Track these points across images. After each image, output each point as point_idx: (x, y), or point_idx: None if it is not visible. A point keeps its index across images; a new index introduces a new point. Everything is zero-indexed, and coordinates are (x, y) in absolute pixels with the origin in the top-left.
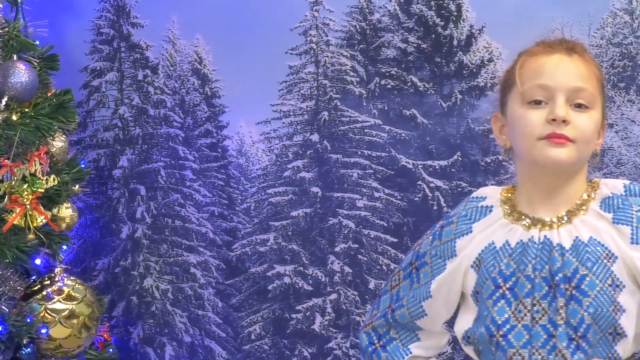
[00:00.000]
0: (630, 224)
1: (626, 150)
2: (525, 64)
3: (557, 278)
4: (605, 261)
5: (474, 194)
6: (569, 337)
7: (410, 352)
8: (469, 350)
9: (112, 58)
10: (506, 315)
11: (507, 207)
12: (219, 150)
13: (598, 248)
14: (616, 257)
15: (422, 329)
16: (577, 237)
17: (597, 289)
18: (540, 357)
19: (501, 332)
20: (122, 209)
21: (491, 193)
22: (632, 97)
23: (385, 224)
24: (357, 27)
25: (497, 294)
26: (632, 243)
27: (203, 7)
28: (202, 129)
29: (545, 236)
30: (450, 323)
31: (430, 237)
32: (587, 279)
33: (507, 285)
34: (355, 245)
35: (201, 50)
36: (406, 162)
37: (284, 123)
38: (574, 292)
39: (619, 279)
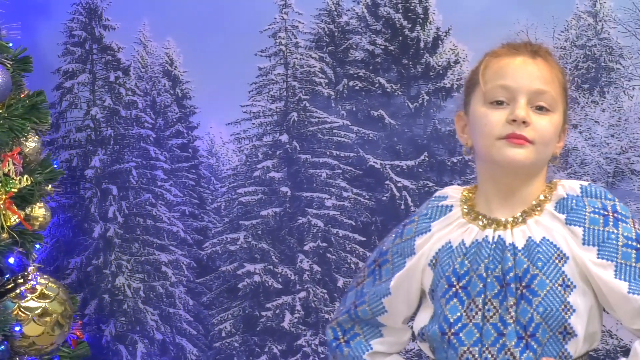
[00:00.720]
0: (582, 225)
1: (590, 151)
2: (489, 64)
3: (507, 277)
4: (556, 261)
5: (437, 193)
6: (519, 336)
7: (371, 348)
8: (424, 346)
9: (84, 60)
10: (458, 314)
11: (465, 207)
12: (190, 150)
13: (550, 248)
14: (567, 258)
15: (384, 325)
16: (530, 237)
17: (547, 288)
18: (490, 355)
19: (453, 330)
20: (94, 209)
21: (452, 193)
22: (596, 98)
23: (354, 223)
24: (326, 29)
25: (450, 293)
26: (583, 244)
27: (174, 10)
28: (173, 130)
29: (499, 236)
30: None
31: (393, 235)
32: (537, 278)
33: (460, 284)
34: (324, 244)
35: (172, 52)
36: (374, 162)
37: (253, 124)
38: (524, 291)
39: (570, 279)
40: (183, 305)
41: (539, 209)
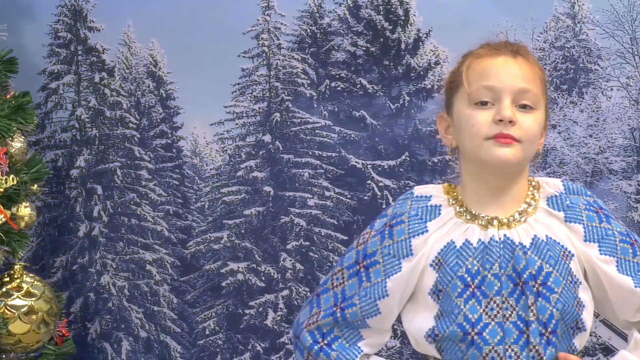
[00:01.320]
0: (582, 223)
1: (569, 151)
2: (471, 65)
3: (524, 276)
4: (564, 259)
5: (417, 193)
6: (540, 333)
7: (362, 350)
8: (430, 347)
9: (70, 61)
10: (479, 313)
11: (457, 207)
12: (174, 150)
13: (555, 246)
14: (572, 255)
15: (369, 327)
16: (535, 235)
17: (562, 285)
18: (514, 353)
19: (476, 330)
20: (79, 208)
21: (435, 192)
22: (574, 98)
23: (336, 222)
24: (308, 30)
25: (468, 293)
26: (585, 240)
27: (158, 12)
28: (157, 130)
29: (505, 235)
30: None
31: (379, 237)
32: (553, 275)
33: (475, 284)
34: (307, 243)
35: (156, 53)
36: (356, 162)
37: (237, 124)
38: (540, 289)
39: (576, 276)
40: (167, 304)
41: (532, 206)
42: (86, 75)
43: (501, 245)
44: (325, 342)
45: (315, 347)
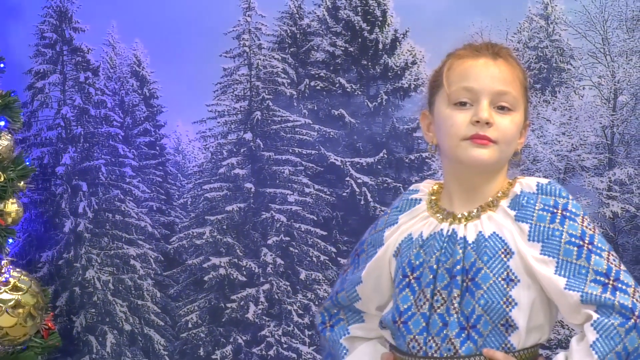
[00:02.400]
0: (529, 222)
1: (542, 148)
2: (452, 66)
3: (455, 270)
4: (502, 256)
5: (411, 187)
6: (461, 327)
7: (348, 333)
8: (385, 333)
9: (55, 61)
10: (409, 304)
11: (431, 201)
12: (157, 148)
13: (497, 243)
14: (513, 253)
15: (363, 311)
16: (480, 232)
17: (490, 282)
18: (434, 344)
19: (402, 319)
20: (64, 204)
21: (424, 187)
22: (548, 97)
23: (315, 218)
24: (288, 31)
25: (404, 283)
26: (529, 240)
27: (141, 13)
28: (140, 128)
29: (453, 229)
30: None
31: (372, 226)
32: (482, 272)
33: (414, 275)
34: (287, 238)
35: (140, 54)
36: (335, 159)
37: (218, 122)
38: (469, 284)
39: (515, 274)
40: (151, 298)
41: (494, 205)
42: (71, 75)
43: (445, 239)
44: (331, 323)
45: (321, 327)
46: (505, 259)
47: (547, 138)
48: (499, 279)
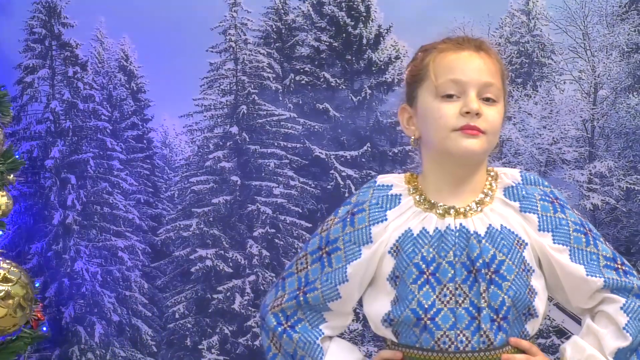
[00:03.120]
0: (536, 212)
1: (523, 141)
2: (436, 59)
3: (477, 264)
4: (517, 247)
5: (379, 182)
6: (491, 319)
7: (323, 333)
8: (386, 331)
9: (44, 56)
10: (432, 299)
11: (417, 196)
12: (145, 141)
13: (509, 235)
14: (526, 244)
15: (331, 310)
16: (490, 224)
17: (515, 273)
18: (465, 338)
19: (429, 315)
20: (53, 197)
21: (396, 181)
22: (529, 91)
23: (300, 210)
24: (273, 26)
25: (422, 279)
26: (539, 230)
27: (129, 8)
28: (128, 122)
29: (460, 224)
30: (359, 304)
31: (341, 224)
32: (505, 264)
33: (429, 271)
34: (273, 230)
35: (127, 49)
36: (319, 152)
37: (205, 116)
38: (493, 276)
39: (529, 264)
40: (138, 289)
41: (489, 196)
42: (60, 70)
43: (457, 234)
44: (289, 324)
45: (279, 329)
46: (520, 250)
47: (528, 131)
48: (520, 270)
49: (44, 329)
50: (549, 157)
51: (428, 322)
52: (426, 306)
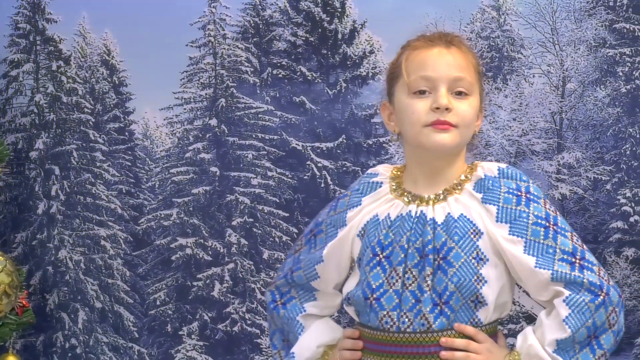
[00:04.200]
0: (496, 204)
1: (494, 133)
2: (409, 57)
3: (427, 249)
4: (472, 236)
5: (369, 171)
6: (434, 303)
7: (305, 310)
8: (350, 310)
9: (29, 50)
10: (380, 281)
11: (393, 184)
12: (126, 133)
13: (466, 224)
14: (482, 233)
15: (317, 289)
16: (449, 213)
17: (462, 260)
18: (407, 319)
19: (374, 296)
20: (38, 187)
21: (383, 171)
22: (499, 85)
23: (278, 200)
24: (251, 22)
25: (374, 261)
26: (497, 221)
27: (111, 4)
28: (110, 115)
29: (421, 211)
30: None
31: (328, 209)
32: (454, 251)
33: (384, 254)
34: (251, 220)
35: (109, 43)
36: (296, 144)
37: (185, 109)
38: (441, 262)
39: (484, 253)
40: (121, 276)
41: (459, 188)
42: (44, 64)
43: (415, 220)
44: (282, 301)
45: (272, 305)
46: (474, 239)
47: (498, 123)
48: (470, 258)
49: (29, 315)
50: (519, 149)
51: (373, 302)
52: (374, 287)
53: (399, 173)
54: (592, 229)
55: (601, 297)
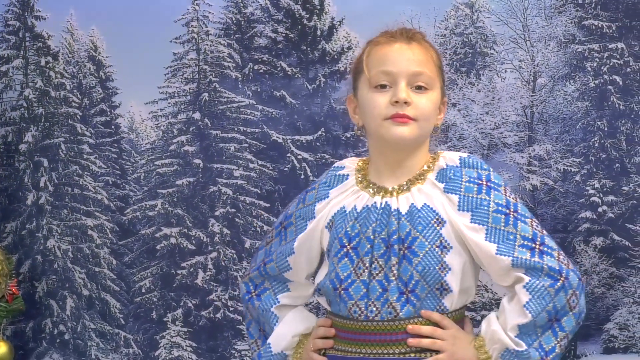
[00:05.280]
0: (458, 193)
1: (467, 126)
2: (371, 53)
3: (392, 239)
4: (435, 225)
5: (336, 164)
6: (400, 291)
7: (279, 302)
8: (322, 300)
9: (18, 47)
10: (348, 272)
11: (359, 176)
12: (113, 127)
13: (429, 213)
14: (445, 222)
15: (290, 280)
16: (412, 203)
17: (426, 249)
18: (375, 308)
19: (343, 286)
20: (27, 179)
21: (349, 163)
22: (472, 80)
23: (259, 191)
24: (233, 19)
25: (342, 252)
26: (458, 209)
27: (98, 2)
28: (97, 109)
29: (386, 202)
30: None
31: (297, 201)
32: (418, 240)
33: (351, 245)
34: (233, 210)
35: (96, 40)
36: (277, 137)
37: (169, 103)
38: (406, 252)
39: (447, 241)
40: (107, 265)
41: (422, 178)
42: (33, 59)
43: (380, 211)
44: (256, 292)
45: (247, 296)
46: (438, 228)
47: (472, 117)
48: (434, 247)
49: (19, 303)
50: (491, 141)
51: (342, 292)
52: (342, 277)
53: (365, 165)
54: (562, 219)
55: (560, 281)
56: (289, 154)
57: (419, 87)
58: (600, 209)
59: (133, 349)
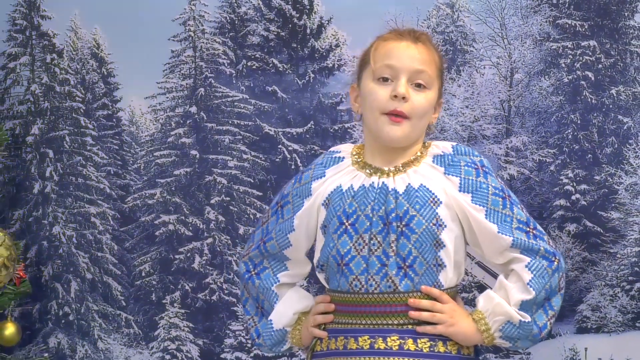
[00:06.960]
0: (459, 176)
1: (448, 119)
2: (378, 47)
3: (390, 217)
4: (431, 204)
5: (332, 149)
6: (398, 266)
7: (278, 280)
8: (321, 276)
9: (25, 44)
10: (348, 247)
11: (356, 158)
12: (114, 120)
13: (426, 193)
14: (441, 202)
15: (289, 258)
16: (409, 184)
17: (423, 227)
18: (374, 282)
19: (344, 261)
20: (34, 169)
21: (345, 148)
22: (453, 75)
23: (252, 181)
24: (228, 18)
25: (341, 229)
26: (460, 191)
27: (101, 2)
28: (99, 103)
29: (383, 182)
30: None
31: (293, 181)
32: (416, 219)
33: (349, 222)
34: (228, 198)
35: (99, 38)
36: (269, 129)
37: (167, 97)
38: (404, 229)
39: (442, 220)
40: (109, 250)
41: (417, 162)
42: (39, 57)
43: (377, 191)
44: (256, 271)
45: (247, 275)
46: (434, 207)
47: (452, 111)
48: (431, 224)
49: (26, 286)
50: (471, 133)
51: (343, 267)
52: (342, 253)
53: (359, 150)
54: (538, 206)
55: (555, 262)
56: (280, 146)
57: (419, 85)
58: (573, 197)
59: (134, 329)
